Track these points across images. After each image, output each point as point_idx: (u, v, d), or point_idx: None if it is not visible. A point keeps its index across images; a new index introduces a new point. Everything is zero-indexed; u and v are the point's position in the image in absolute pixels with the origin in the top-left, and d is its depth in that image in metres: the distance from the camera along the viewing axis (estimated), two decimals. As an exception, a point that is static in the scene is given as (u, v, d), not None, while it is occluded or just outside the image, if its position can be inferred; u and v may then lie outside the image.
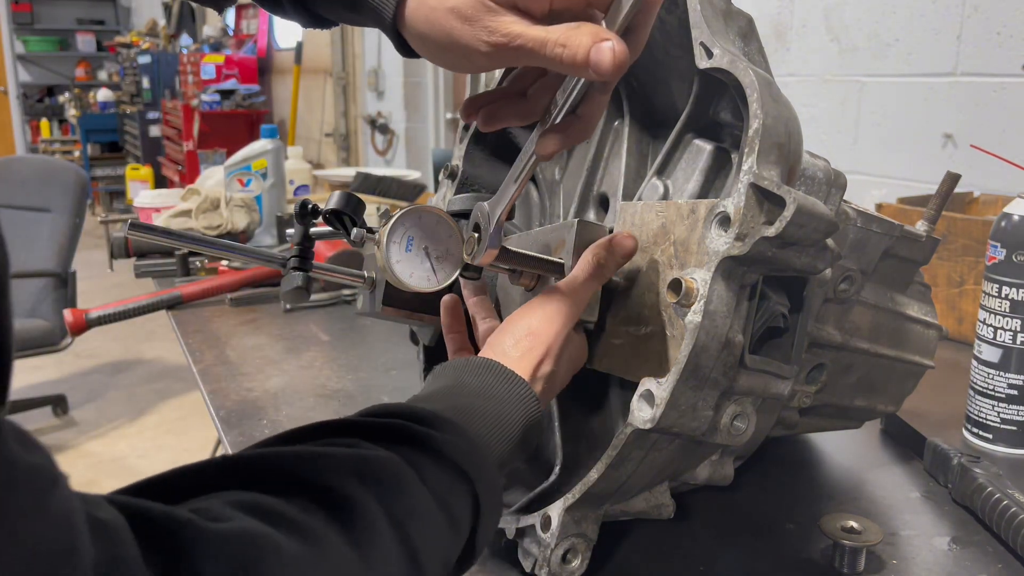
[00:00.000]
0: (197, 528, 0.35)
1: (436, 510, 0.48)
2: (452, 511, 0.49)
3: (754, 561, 0.72)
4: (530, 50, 0.51)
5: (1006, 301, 0.90)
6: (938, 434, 0.90)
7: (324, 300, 1.53)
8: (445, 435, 0.51)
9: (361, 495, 0.43)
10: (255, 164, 1.94)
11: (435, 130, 4.31)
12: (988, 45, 1.59)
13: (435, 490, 0.48)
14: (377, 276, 0.79)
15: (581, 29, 0.50)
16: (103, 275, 4.32)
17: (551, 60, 0.51)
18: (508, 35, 0.51)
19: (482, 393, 0.58)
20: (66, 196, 3.30)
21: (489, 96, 0.62)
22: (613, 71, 0.49)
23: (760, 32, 0.65)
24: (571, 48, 0.50)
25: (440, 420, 0.53)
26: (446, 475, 0.50)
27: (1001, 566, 0.71)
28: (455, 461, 0.50)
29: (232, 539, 0.36)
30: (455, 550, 0.51)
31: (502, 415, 0.57)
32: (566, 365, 0.65)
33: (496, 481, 0.54)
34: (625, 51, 0.50)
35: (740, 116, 0.62)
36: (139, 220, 0.71)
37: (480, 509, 0.52)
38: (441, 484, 0.49)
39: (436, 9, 0.53)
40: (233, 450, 0.93)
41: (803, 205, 0.54)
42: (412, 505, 0.46)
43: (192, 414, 3.60)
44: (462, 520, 0.50)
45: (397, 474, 0.47)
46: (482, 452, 0.54)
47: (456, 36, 0.53)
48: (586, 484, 0.62)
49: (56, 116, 9.31)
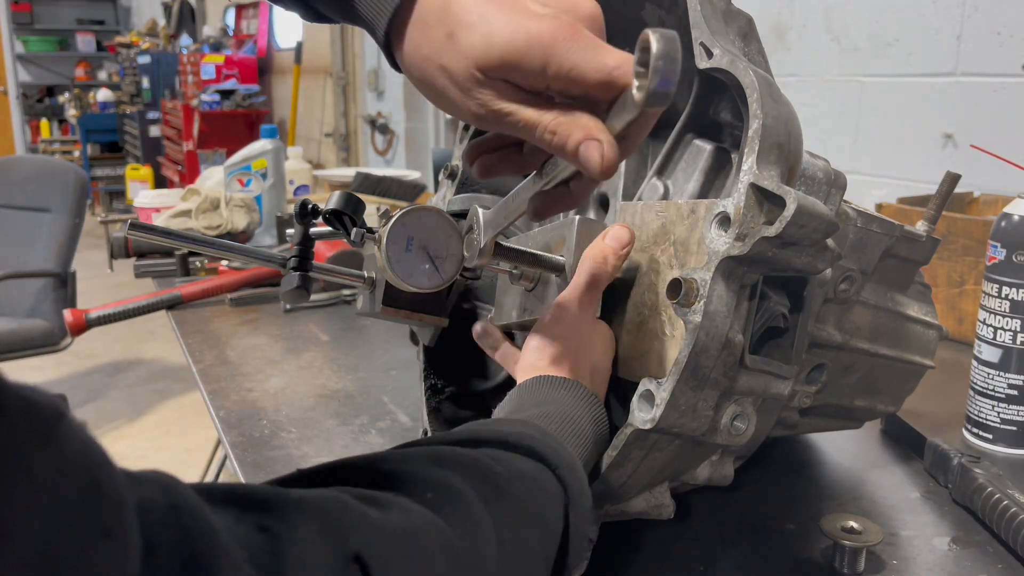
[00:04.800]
0: (280, 494, 0.35)
1: (528, 507, 0.48)
2: (543, 509, 0.49)
3: (754, 561, 0.72)
4: (521, 128, 0.49)
5: (1006, 301, 0.90)
6: (938, 434, 0.89)
7: (324, 300, 1.53)
8: (528, 431, 0.53)
9: (457, 483, 0.44)
10: (255, 164, 1.94)
11: (435, 130, 4.31)
12: (988, 45, 1.59)
13: (522, 484, 0.49)
14: (377, 276, 0.79)
15: (574, 120, 0.48)
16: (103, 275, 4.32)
17: (540, 143, 0.49)
18: (498, 112, 0.49)
19: (542, 402, 0.60)
20: (66, 196, 3.30)
21: (487, 145, 0.60)
22: (600, 173, 0.47)
23: (760, 32, 0.65)
24: (560, 137, 0.48)
25: (524, 423, 0.55)
26: (537, 469, 0.50)
27: (1001, 566, 0.71)
28: (542, 455, 0.51)
29: (321, 500, 0.36)
30: (549, 548, 0.50)
31: (566, 415, 0.58)
32: (602, 351, 0.66)
33: (581, 477, 0.54)
34: (615, 155, 0.47)
35: (740, 116, 0.62)
36: (139, 220, 0.71)
37: (569, 499, 0.52)
38: (526, 474, 0.49)
39: (429, 61, 0.51)
40: (233, 450, 0.93)
41: (803, 205, 0.54)
42: (505, 495, 0.46)
43: (192, 414, 3.60)
44: (552, 517, 0.50)
45: (488, 468, 0.47)
46: (566, 451, 0.55)
47: (447, 95, 0.51)
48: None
49: (56, 116, 9.32)
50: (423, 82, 0.52)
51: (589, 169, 0.47)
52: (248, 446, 0.94)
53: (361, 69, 4.75)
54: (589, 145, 0.47)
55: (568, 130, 0.47)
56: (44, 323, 3.16)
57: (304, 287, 0.73)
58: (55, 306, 3.17)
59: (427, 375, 0.91)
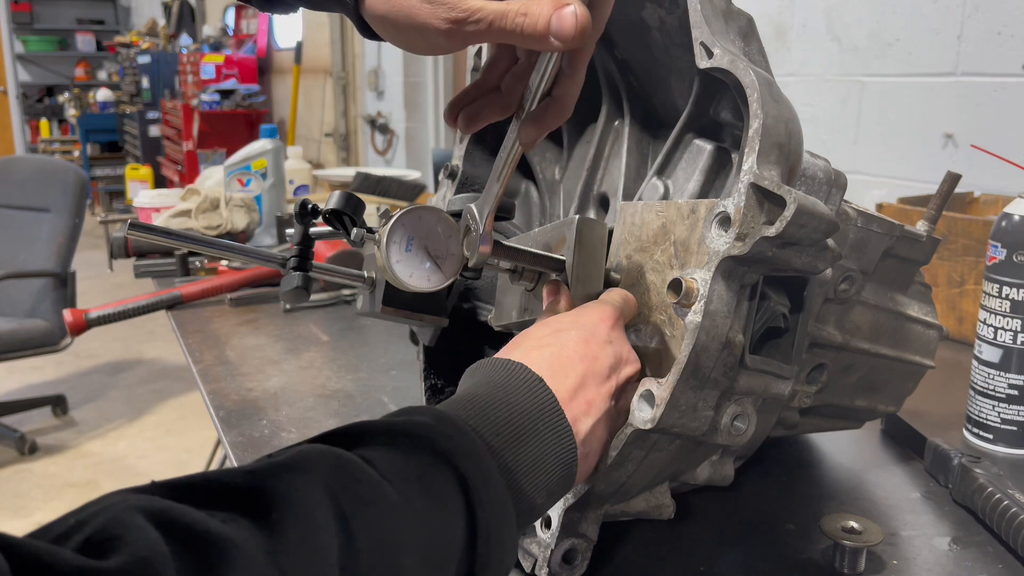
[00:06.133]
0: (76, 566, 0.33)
1: (403, 510, 0.45)
2: (426, 506, 0.46)
3: (754, 561, 0.72)
4: (489, 23, 0.50)
5: (1006, 301, 0.90)
6: (938, 434, 0.89)
7: (324, 300, 1.53)
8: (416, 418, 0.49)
9: (309, 498, 0.41)
10: (255, 164, 1.94)
11: (435, 130, 4.31)
12: (989, 45, 1.59)
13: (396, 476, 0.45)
14: (377, 276, 0.79)
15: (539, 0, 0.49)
16: (103, 275, 4.33)
17: (512, 33, 0.50)
18: (467, 10, 0.50)
19: (473, 385, 0.56)
20: (66, 196, 3.30)
21: (465, 96, 0.61)
22: (575, 37, 0.49)
23: (760, 32, 0.65)
24: (532, 16, 0.49)
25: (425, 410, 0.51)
26: (426, 463, 0.47)
27: (1001, 566, 0.71)
28: (436, 445, 0.48)
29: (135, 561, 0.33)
30: (440, 546, 0.47)
31: (495, 399, 0.54)
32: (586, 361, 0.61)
33: (484, 464, 0.49)
34: (587, 15, 0.49)
35: (740, 116, 0.62)
36: (139, 220, 0.71)
37: (471, 495, 0.48)
38: (409, 471, 0.46)
39: None
40: (233, 450, 0.93)
41: (803, 205, 0.54)
42: (363, 493, 0.43)
43: (192, 414, 3.60)
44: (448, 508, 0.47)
45: (356, 472, 0.44)
46: (466, 438, 0.50)
47: (415, 15, 0.51)
48: (586, 484, 0.62)
49: (56, 116, 9.32)
50: (391, 13, 0.53)
51: (564, 36, 0.49)
52: (248, 446, 0.94)
53: (361, 69, 4.75)
54: (560, 14, 0.49)
55: (538, 7, 0.49)
56: (44, 323, 3.16)
57: (304, 287, 0.73)
58: (55, 306, 3.17)
59: (427, 375, 0.91)
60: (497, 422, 0.52)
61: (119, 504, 0.36)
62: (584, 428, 0.56)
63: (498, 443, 0.51)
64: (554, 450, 0.54)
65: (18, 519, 2.80)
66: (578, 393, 0.57)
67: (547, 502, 0.55)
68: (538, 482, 0.53)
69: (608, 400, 0.59)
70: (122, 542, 0.34)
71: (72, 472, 3.15)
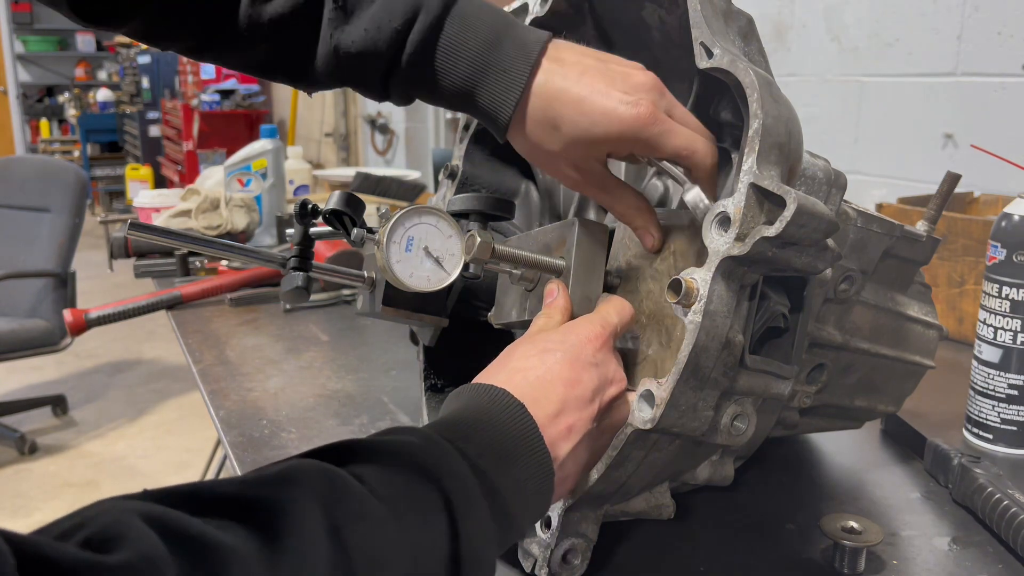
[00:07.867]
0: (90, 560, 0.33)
1: (392, 527, 0.45)
2: (412, 525, 0.47)
3: (754, 561, 0.72)
4: None
5: (1006, 301, 0.90)
6: (938, 434, 0.89)
7: (324, 300, 1.53)
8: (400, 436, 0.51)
9: (300, 509, 0.42)
10: (255, 164, 1.94)
11: (435, 130, 4.31)
12: (989, 45, 1.59)
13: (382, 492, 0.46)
14: (377, 276, 0.79)
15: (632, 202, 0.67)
16: (103, 275, 4.33)
17: None
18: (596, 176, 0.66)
19: (456, 410, 0.57)
20: (66, 196, 3.30)
21: None
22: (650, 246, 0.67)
23: (760, 32, 0.65)
24: None
25: None
26: (413, 481, 0.48)
27: (1001, 566, 0.71)
28: (423, 465, 0.49)
29: (116, 571, 0.34)
30: (426, 564, 0.47)
31: (477, 421, 0.55)
32: None
33: (468, 486, 0.50)
34: None
35: (740, 116, 0.62)
36: (139, 220, 0.71)
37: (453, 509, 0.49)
38: (396, 490, 0.47)
39: (541, 144, 0.64)
40: (233, 450, 0.93)
41: (803, 205, 0.54)
42: (353, 507, 0.44)
43: (192, 414, 3.60)
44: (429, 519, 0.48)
45: (346, 487, 0.45)
46: (452, 459, 0.51)
47: (555, 164, 0.66)
48: (586, 484, 0.62)
49: (56, 116, 9.31)
50: (533, 155, 0.67)
51: None
52: (248, 446, 0.94)
53: (361, 69, 4.75)
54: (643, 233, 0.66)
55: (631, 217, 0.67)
56: (44, 323, 3.17)
57: (304, 287, 0.73)
58: (55, 306, 3.17)
59: (427, 375, 0.91)
60: (480, 445, 0.53)
61: (117, 507, 0.37)
62: (563, 452, 0.57)
63: (481, 465, 0.52)
64: (533, 474, 0.55)
65: (18, 519, 2.80)
66: (558, 418, 0.58)
67: (526, 523, 0.56)
68: (518, 504, 0.54)
69: (590, 423, 0.59)
70: (124, 540, 0.35)
71: (72, 472, 3.15)
